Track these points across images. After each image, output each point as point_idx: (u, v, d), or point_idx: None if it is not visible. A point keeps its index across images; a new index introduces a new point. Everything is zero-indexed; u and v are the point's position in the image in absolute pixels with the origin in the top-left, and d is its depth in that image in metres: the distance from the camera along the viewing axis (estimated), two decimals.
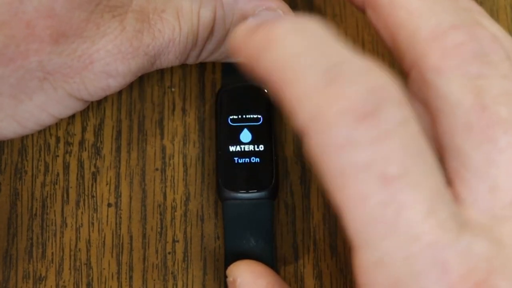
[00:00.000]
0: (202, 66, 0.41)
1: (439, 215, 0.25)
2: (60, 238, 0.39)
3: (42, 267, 0.39)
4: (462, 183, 0.27)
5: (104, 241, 0.39)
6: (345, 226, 0.26)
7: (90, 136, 0.41)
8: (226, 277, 0.37)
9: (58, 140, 0.41)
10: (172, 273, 0.39)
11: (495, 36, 0.29)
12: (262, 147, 0.38)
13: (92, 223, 0.40)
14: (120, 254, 0.39)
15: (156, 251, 0.39)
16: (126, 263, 0.39)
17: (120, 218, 0.40)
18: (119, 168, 0.40)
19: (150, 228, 0.40)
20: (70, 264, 0.39)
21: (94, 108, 0.41)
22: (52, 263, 0.39)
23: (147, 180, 0.40)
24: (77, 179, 0.40)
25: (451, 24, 0.29)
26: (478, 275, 0.25)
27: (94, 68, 0.35)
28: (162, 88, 0.41)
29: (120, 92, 0.41)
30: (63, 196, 0.40)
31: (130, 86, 0.41)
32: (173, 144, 0.41)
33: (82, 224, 0.40)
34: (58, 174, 0.40)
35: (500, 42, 0.29)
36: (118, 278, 0.39)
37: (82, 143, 0.41)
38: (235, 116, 0.39)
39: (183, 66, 0.41)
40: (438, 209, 0.25)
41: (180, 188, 0.40)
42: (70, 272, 0.39)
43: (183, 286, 0.39)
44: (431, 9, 0.29)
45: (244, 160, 0.38)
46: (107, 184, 0.40)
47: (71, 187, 0.40)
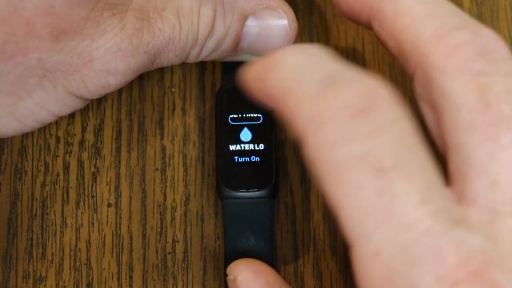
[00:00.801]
0: (202, 66, 0.41)
1: (431, 205, 0.25)
2: (60, 238, 0.39)
3: (42, 267, 0.39)
4: (464, 179, 0.28)
5: (104, 241, 0.39)
6: (341, 223, 0.26)
7: (90, 136, 0.41)
8: (226, 276, 0.37)
9: (58, 140, 0.41)
10: (172, 273, 0.39)
11: (497, 35, 0.30)
12: (262, 146, 0.38)
13: (92, 223, 0.40)
14: (120, 254, 0.39)
15: (156, 251, 0.39)
16: (126, 263, 0.39)
17: (120, 218, 0.40)
18: (119, 168, 0.40)
19: (150, 228, 0.40)
20: (70, 264, 0.39)
21: (94, 108, 0.41)
22: (52, 263, 0.39)
23: (147, 180, 0.40)
24: (77, 179, 0.40)
25: (454, 25, 0.29)
26: (474, 265, 0.25)
27: (93, 66, 0.35)
28: (162, 88, 0.41)
29: (120, 92, 0.41)
30: (63, 196, 0.40)
31: (130, 86, 0.41)
32: (173, 144, 0.41)
33: (82, 224, 0.40)
34: (58, 174, 0.40)
35: (503, 41, 0.29)
36: (118, 278, 0.39)
37: (82, 143, 0.41)
38: (235, 115, 0.39)
39: (183, 66, 0.41)
40: (430, 200, 0.25)
41: (180, 188, 0.40)
42: (70, 272, 0.39)
43: (183, 286, 0.39)
44: (433, 13, 0.30)
45: (244, 159, 0.38)
46: (107, 184, 0.40)
47: (71, 187, 0.40)
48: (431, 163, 0.26)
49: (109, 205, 0.40)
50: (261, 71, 0.29)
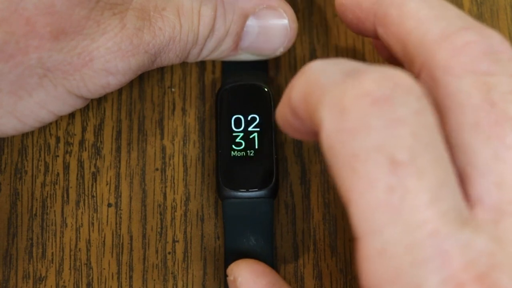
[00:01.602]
0: (202, 66, 0.41)
1: (442, 205, 0.25)
2: (60, 238, 0.39)
3: (42, 267, 0.39)
4: (469, 179, 0.28)
5: (104, 241, 0.39)
6: (350, 215, 0.26)
7: (90, 136, 0.41)
8: (226, 276, 0.37)
9: (58, 140, 0.41)
10: (172, 273, 0.39)
11: (503, 37, 0.30)
12: (262, 146, 0.38)
13: (92, 223, 0.40)
14: (120, 254, 0.39)
15: (156, 251, 0.39)
16: (126, 263, 0.39)
17: (120, 218, 0.40)
18: (119, 168, 0.40)
19: (150, 228, 0.40)
20: (70, 264, 0.39)
21: (94, 108, 0.41)
22: (52, 263, 0.39)
23: (147, 180, 0.40)
24: (77, 179, 0.40)
25: (461, 26, 0.29)
26: (479, 268, 0.25)
27: (94, 65, 0.35)
28: (162, 88, 0.41)
29: (120, 92, 0.41)
30: (63, 196, 0.40)
31: (130, 86, 0.41)
32: (173, 144, 0.41)
33: (82, 224, 0.40)
34: (58, 174, 0.40)
35: (509, 43, 0.29)
36: (118, 278, 0.39)
37: (82, 143, 0.41)
38: (235, 115, 0.39)
39: (183, 66, 0.41)
40: (441, 199, 0.25)
41: (180, 188, 0.40)
42: (70, 272, 0.39)
43: (183, 286, 0.39)
44: (439, 15, 0.30)
45: (245, 159, 0.38)
46: (107, 184, 0.40)
47: (71, 187, 0.40)
48: (448, 159, 0.26)
49: (109, 205, 0.40)
50: (289, 87, 0.29)
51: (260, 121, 0.39)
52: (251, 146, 0.38)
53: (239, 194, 0.38)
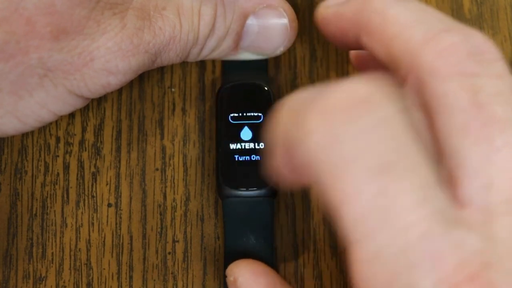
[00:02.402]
0: (202, 66, 0.42)
1: (429, 206, 0.25)
2: (60, 238, 0.39)
3: (42, 267, 0.39)
4: (459, 181, 0.28)
5: (104, 241, 0.39)
6: (339, 224, 0.26)
7: (90, 136, 0.41)
8: (225, 276, 0.37)
9: (58, 140, 0.41)
10: (172, 273, 0.39)
11: (487, 37, 0.29)
12: (262, 145, 0.38)
13: (92, 223, 0.40)
14: (120, 254, 0.39)
15: (156, 251, 0.39)
16: (126, 263, 0.39)
17: (120, 218, 0.40)
18: (119, 168, 0.40)
19: (150, 228, 0.40)
20: (70, 264, 0.39)
21: (94, 108, 0.41)
22: (52, 263, 0.39)
23: (147, 180, 0.40)
24: (77, 179, 0.40)
25: (444, 28, 0.29)
26: (472, 268, 0.25)
27: (94, 65, 0.35)
28: (162, 88, 0.41)
29: (120, 92, 0.41)
30: (63, 196, 0.40)
31: (130, 86, 0.41)
32: (173, 144, 0.41)
33: (82, 224, 0.40)
34: (58, 174, 0.40)
35: (492, 42, 0.29)
36: (118, 278, 0.39)
37: (82, 143, 0.41)
38: (235, 114, 0.39)
39: (183, 66, 0.41)
40: (427, 200, 0.25)
41: (180, 188, 0.40)
42: (70, 272, 0.39)
43: (183, 286, 0.39)
44: (422, 18, 0.30)
45: (245, 158, 0.38)
46: (107, 184, 0.40)
47: (71, 187, 0.40)
48: (427, 161, 0.26)
49: (109, 205, 0.40)
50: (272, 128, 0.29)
51: (260, 120, 0.39)
52: (252, 145, 0.38)
53: (239, 193, 0.38)
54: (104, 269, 0.39)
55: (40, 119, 0.36)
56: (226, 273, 0.37)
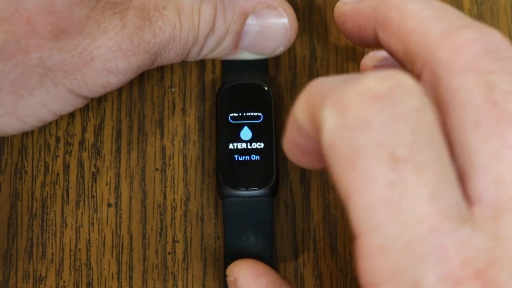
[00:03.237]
0: (202, 65, 0.42)
1: (442, 201, 0.25)
2: (60, 238, 0.39)
3: (42, 267, 0.39)
4: (468, 177, 0.28)
5: (104, 241, 0.39)
6: (350, 213, 0.26)
7: (90, 136, 0.41)
8: (226, 276, 0.37)
9: (58, 140, 0.41)
10: (172, 273, 0.39)
11: (504, 35, 0.30)
12: (262, 145, 0.38)
13: (92, 223, 0.40)
14: (120, 254, 0.39)
15: (156, 251, 0.39)
16: (126, 263, 0.39)
17: (120, 218, 0.40)
18: (119, 168, 0.40)
19: (150, 228, 0.40)
20: (70, 264, 0.39)
21: (94, 108, 0.41)
22: (52, 263, 0.39)
23: (147, 180, 0.40)
24: (77, 179, 0.40)
25: (462, 24, 0.29)
26: (478, 265, 0.25)
27: (94, 65, 0.35)
28: (162, 88, 0.41)
29: (120, 92, 0.41)
30: (63, 196, 0.40)
31: (130, 86, 0.41)
32: (173, 144, 0.41)
33: (82, 224, 0.40)
34: (58, 174, 0.40)
35: (509, 41, 0.30)
36: (118, 278, 0.39)
37: (82, 143, 0.41)
38: (235, 114, 0.39)
39: (183, 66, 0.41)
40: (441, 196, 0.25)
41: (180, 188, 0.40)
42: (70, 272, 0.39)
43: (183, 286, 0.39)
44: (440, 14, 0.30)
45: (245, 158, 0.38)
46: (107, 184, 0.40)
47: (71, 187, 0.40)
48: (447, 156, 0.26)
49: (109, 205, 0.40)
50: (293, 108, 0.29)
51: (260, 120, 0.39)
52: (251, 145, 0.38)
53: (239, 192, 0.38)
54: (104, 269, 0.39)
55: (40, 119, 0.36)
56: (226, 273, 0.37)
